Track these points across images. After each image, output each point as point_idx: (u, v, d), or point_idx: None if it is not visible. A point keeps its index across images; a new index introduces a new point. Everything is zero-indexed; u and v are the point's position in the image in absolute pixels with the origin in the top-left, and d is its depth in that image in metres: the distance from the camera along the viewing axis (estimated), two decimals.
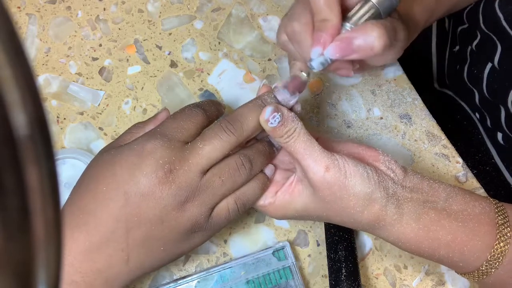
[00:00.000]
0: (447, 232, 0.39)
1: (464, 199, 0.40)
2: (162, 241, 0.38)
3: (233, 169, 0.39)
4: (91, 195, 0.37)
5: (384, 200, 0.38)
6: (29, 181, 0.13)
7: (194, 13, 0.58)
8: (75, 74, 0.56)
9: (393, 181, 0.39)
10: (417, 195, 0.39)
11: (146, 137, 0.39)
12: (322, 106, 0.55)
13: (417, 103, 0.55)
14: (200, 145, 0.38)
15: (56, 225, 0.14)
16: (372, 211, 0.38)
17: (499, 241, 0.38)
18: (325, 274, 0.49)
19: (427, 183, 0.40)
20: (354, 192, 0.38)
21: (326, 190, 0.38)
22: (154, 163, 0.37)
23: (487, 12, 0.56)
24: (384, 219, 0.39)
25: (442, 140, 0.54)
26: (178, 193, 0.37)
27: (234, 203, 0.40)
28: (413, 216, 0.39)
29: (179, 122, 0.39)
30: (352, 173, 0.38)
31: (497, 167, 0.65)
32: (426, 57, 0.74)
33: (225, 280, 0.46)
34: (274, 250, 0.47)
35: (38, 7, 0.58)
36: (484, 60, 0.59)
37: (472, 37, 0.61)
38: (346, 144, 0.42)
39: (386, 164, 0.40)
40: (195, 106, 0.41)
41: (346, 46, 0.38)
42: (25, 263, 0.13)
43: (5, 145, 0.12)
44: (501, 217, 0.39)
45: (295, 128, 0.38)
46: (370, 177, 0.38)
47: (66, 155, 0.49)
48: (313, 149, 0.38)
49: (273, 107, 0.38)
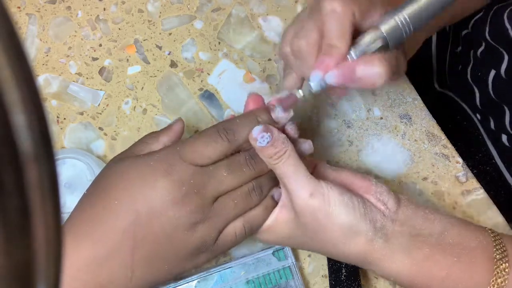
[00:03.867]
0: (441, 268, 0.38)
1: (459, 232, 0.39)
2: (168, 260, 0.38)
3: (246, 193, 0.39)
4: (102, 206, 0.37)
5: (370, 233, 0.37)
6: (29, 181, 0.13)
7: (194, 13, 0.58)
8: (75, 74, 0.56)
9: (382, 214, 0.38)
10: (409, 228, 0.38)
11: (163, 155, 0.38)
12: (322, 106, 0.55)
13: (417, 103, 0.55)
14: (224, 174, 0.38)
15: (56, 226, 0.14)
16: (357, 244, 0.38)
17: (497, 277, 0.37)
18: (325, 274, 0.49)
19: (422, 215, 0.39)
20: (338, 222, 0.37)
21: (309, 216, 0.37)
22: (170, 185, 0.36)
23: (495, 23, 0.56)
24: (372, 253, 0.38)
25: (442, 140, 0.54)
26: (191, 216, 0.37)
27: (242, 227, 0.39)
28: (405, 251, 0.38)
29: (200, 147, 0.38)
30: (336, 201, 0.37)
31: (497, 167, 0.65)
32: (426, 58, 0.74)
33: (225, 280, 0.46)
34: (274, 250, 0.47)
35: (38, 7, 0.58)
36: (488, 66, 0.59)
37: (477, 44, 0.61)
38: (341, 173, 0.42)
39: (377, 196, 0.39)
40: (223, 129, 0.38)
41: (348, 75, 0.37)
42: (25, 263, 0.13)
43: (5, 145, 0.12)
44: (499, 251, 0.38)
45: (285, 151, 0.38)
46: (356, 208, 0.37)
47: (66, 155, 0.49)
48: (300, 174, 0.38)
49: (262, 126, 0.38)
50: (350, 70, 0.37)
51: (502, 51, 0.56)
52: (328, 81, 0.38)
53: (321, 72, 0.38)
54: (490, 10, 0.57)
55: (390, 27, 0.38)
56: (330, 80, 0.38)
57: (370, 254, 0.38)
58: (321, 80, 0.38)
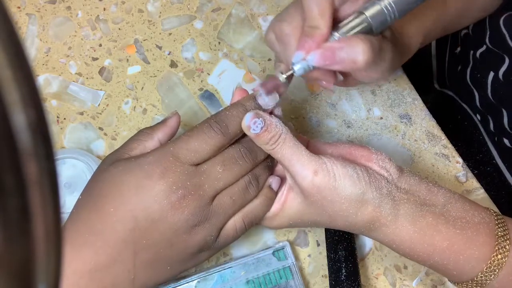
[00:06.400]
0: (444, 238, 0.38)
1: (463, 207, 0.39)
2: (169, 261, 0.37)
3: (243, 188, 0.39)
4: (99, 214, 0.36)
5: (377, 200, 0.37)
6: (29, 181, 0.13)
7: (194, 13, 0.58)
8: (75, 74, 0.56)
9: (387, 180, 0.38)
10: (414, 197, 0.39)
11: (157, 157, 0.37)
12: (322, 106, 0.55)
13: (417, 103, 0.55)
14: (219, 170, 0.37)
15: (56, 226, 0.14)
16: (365, 212, 0.38)
17: (497, 253, 0.38)
18: (325, 274, 0.49)
19: (425, 186, 0.40)
20: (345, 194, 0.37)
21: (316, 195, 0.37)
22: (166, 189, 0.36)
23: (493, 29, 0.56)
24: (379, 219, 0.38)
25: (442, 140, 0.54)
26: (190, 218, 0.36)
27: (242, 221, 0.39)
28: (409, 218, 0.38)
29: (194, 144, 0.37)
30: (341, 175, 0.37)
31: (498, 167, 0.65)
32: (426, 57, 0.74)
33: (225, 280, 0.46)
34: (274, 250, 0.47)
35: (38, 7, 0.58)
36: (488, 68, 0.59)
37: (477, 46, 0.61)
38: (337, 145, 0.42)
39: (380, 163, 0.39)
40: (215, 123, 0.38)
41: (329, 55, 0.37)
42: (25, 263, 0.13)
43: (5, 145, 0.12)
44: (501, 229, 0.39)
45: (280, 134, 0.37)
46: (361, 178, 0.37)
47: (66, 155, 0.49)
48: (300, 154, 0.37)
49: (253, 113, 0.37)
50: (331, 50, 0.37)
51: (504, 55, 0.56)
52: (310, 63, 0.37)
53: (301, 52, 0.37)
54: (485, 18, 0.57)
55: (375, 11, 0.38)
56: (311, 61, 0.37)
57: (377, 220, 0.38)
58: (304, 62, 0.38)
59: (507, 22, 0.54)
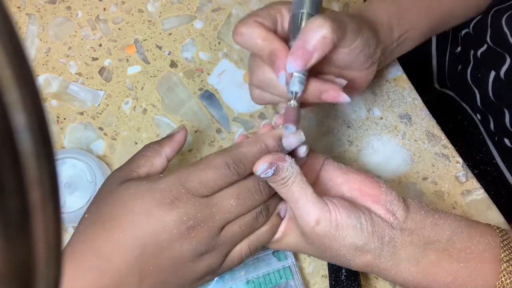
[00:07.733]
0: (447, 273, 0.38)
1: (469, 236, 0.39)
2: (175, 286, 0.38)
3: (253, 218, 0.38)
4: (106, 237, 0.36)
5: (378, 250, 0.37)
6: (29, 181, 0.13)
7: (194, 13, 0.58)
8: (75, 74, 0.56)
9: (391, 226, 0.38)
10: (418, 237, 0.38)
11: (169, 185, 0.36)
12: (322, 106, 0.55)
13: (417, 103, 0.55)
14: (233, 203, 0.37)
15: (56, 226, 0.14)
16: (364, 259, 0.38)
17: (504, 278, 0.38)
18: (325, 274, 0.49)
19: (431, 221, 0.39)
20: (344, 243, 0.37)
21: (316, 241, 0.38)
22: (177, 219, 0.35)
23: (495, 27, 0.56)
24: (378, 265, 0.38)
25: (442, 140, 0.54)
26: (198, 248, 0.36)
27: (247, 248, 0.39)
28: (411, 260, 0.38)
29: (208, 178, 0.36)
30: (344, 225, 0.37)
31: (498, 167, 0.65)
32: (426, 57, 0.74)
33: (225, 280, 0.46)
34: (274, 250, 0.47)
35: (38, 7, 0.58)
36: (489, 68, 0.59)
37: (479, 45, 0.61)
38: (349, 174, 0.41)
39: (387, 206, 0.38)
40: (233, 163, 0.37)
41: (300, 51, 0.37)
42: (25, 264, 0.13)
43: (5, 145, 0.12)
44: (506, 252, 0.38)
45: (289, 178, 0.37)
46: (364, 228, 0.37)
47: (66, 155, 0.49)
48: (306, 199, 0.37)
49: (267, 164, 0.36)
50: (298, 46, 0.37)
51: (505, 54, 0.56)
52: (295, 70, 0.38)
53: (281, 71, 0.38)
54: (489, 12, 0.57)
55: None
56: (292, 68, 0.38)
57: (376, 266, 0.38)
58: (295, 78, 0.38)
59: (509, 20, 0.54)
